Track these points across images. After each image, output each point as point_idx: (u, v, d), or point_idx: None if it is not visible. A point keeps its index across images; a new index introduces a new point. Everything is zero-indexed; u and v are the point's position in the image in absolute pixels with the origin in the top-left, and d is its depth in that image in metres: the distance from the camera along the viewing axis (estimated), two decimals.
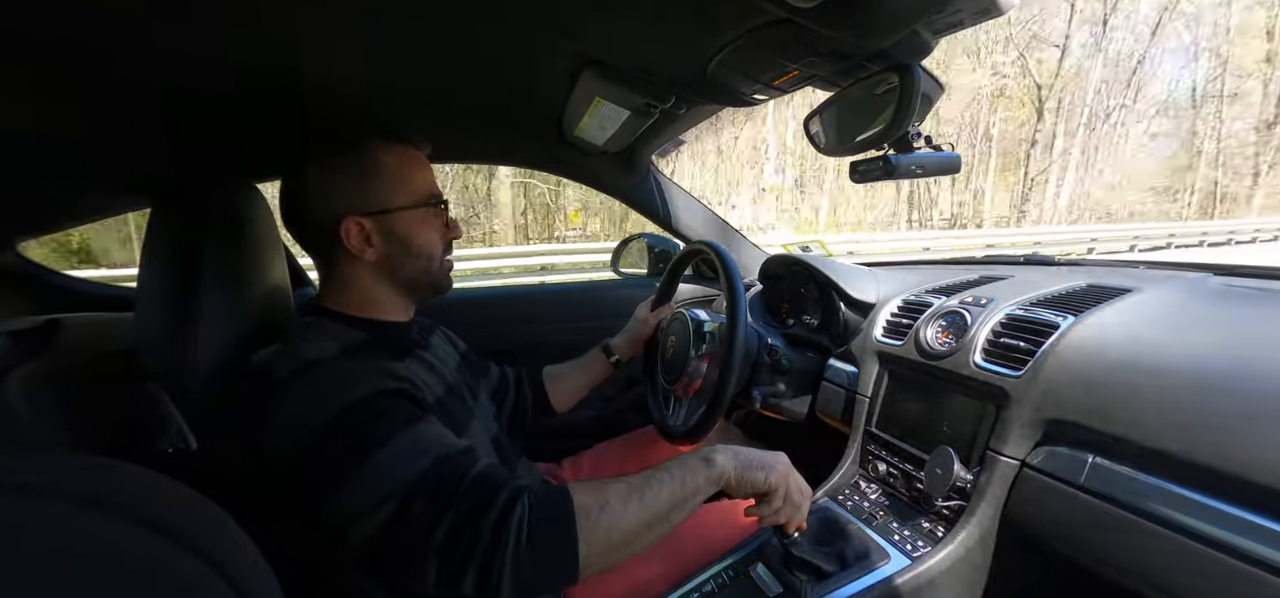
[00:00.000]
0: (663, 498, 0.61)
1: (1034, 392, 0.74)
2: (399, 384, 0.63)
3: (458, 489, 0.56)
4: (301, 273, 1.44)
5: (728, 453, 0.67)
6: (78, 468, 0.27)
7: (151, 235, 0.76)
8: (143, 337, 0.74)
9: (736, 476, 0.67)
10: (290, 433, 0.60)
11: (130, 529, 0.26)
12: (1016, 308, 0.86)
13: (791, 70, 0.74)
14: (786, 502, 0.70)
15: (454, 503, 0.55)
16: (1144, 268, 1.07)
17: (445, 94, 0.93)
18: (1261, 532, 0.52)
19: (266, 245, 0.84)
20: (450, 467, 0.58)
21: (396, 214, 0.73)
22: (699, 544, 0.88)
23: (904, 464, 0.89)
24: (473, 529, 0.54)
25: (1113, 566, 0.64)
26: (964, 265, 1.31)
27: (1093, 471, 0.65)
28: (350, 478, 0.56)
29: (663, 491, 0.62)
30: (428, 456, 0.58)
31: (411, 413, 0.61)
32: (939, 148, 0.77)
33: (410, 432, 0.59)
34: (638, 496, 0.60)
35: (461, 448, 0.61)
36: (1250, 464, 0.54)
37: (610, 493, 0.60)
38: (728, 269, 0.91)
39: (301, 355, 0.64)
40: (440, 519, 0.54)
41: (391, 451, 0.57)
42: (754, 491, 0.69)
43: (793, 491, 0.70)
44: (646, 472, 0.64)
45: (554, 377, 1.11)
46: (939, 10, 0.55)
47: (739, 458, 0.68)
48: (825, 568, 0.77)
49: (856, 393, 1.03)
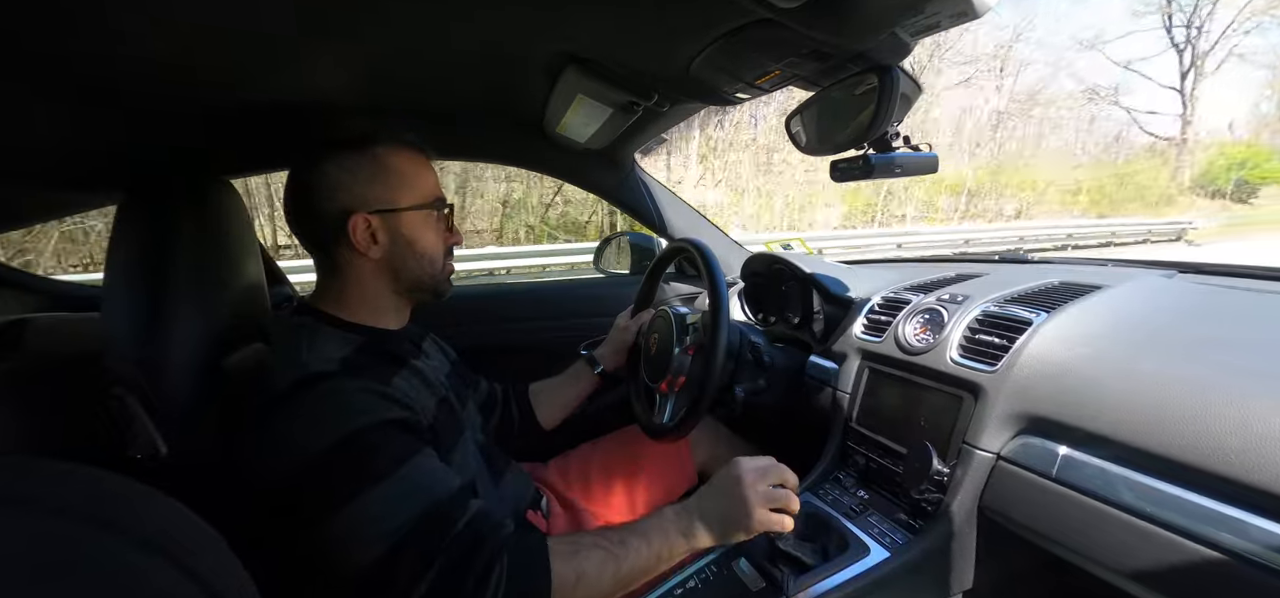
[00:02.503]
0: (639, 566, 0.65)
1: (1008, 386, 0.76)
2: (400, 413, 0.65)
3: (445, 539, 0.59)
4: (278, 271, 1.41)
5: (708, 522, 0.70)
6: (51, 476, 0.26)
7: (119, 232, 0.73)
8: (109, 338, 0.72)
9: (719, 535, 0.70)
10: (289, 450, 0.60)
11: (109, 541, 0.25)
12: (991, 305, 0.88)
13: (773, 69, 0.75)
14: (770, 525, 0.71)
15: (441, 553, 0.58)
16: (1112, 266, 1.11)
17: (424, 90, 0.92)
18: (1218, 518, 0.54)
19: (241, 243, 0.82)
20: (442, 511, 0.61)
21: (403, 214, 0.74)
22: None
23: (883, 459, 0.91)
24: (455, 581, 0.57)
25: (1084, 554, 0.67)
26: (941, 263, 1.33)
27: (1064, 462, 0.67)
28: (343, 509, 0.57)
29: (640, 560, 0.65)
30: (422, 498, 0.60)
31: (410, 446, 0.63)
32: (918, 148, 0.79)
33: (407, 467, 0.61)
34: (614, 564, 0.64)
35: (453, 491, 0.63)
36: (1208, 454, 0.56)
37: (587, 563, 0.63)
38: (709, 263, 0.92)
39: (304, 365, 0.64)
40: (427, 569, 0.57)
41: (387, 487, 0.59)
42: (736, 527, 0.70)
43: (771, 521, 0.71)
44: (625, 532, 0.67)
45: (540, 393, 1.11)
46: (917, 13, 0.56)
47: (721, 526, 0.70)
48: (807, 561, 0.78)
49: (837, 389, 1.04)
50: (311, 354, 0.66)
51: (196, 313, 0.73)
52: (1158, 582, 0.60)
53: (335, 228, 0.71)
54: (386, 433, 0.62)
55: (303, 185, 0.73)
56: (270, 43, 0.66)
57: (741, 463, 0.73)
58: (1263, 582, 0.51)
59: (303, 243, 0.76)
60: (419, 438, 0.66)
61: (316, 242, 0.75)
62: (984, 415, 0.77)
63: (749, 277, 1.40)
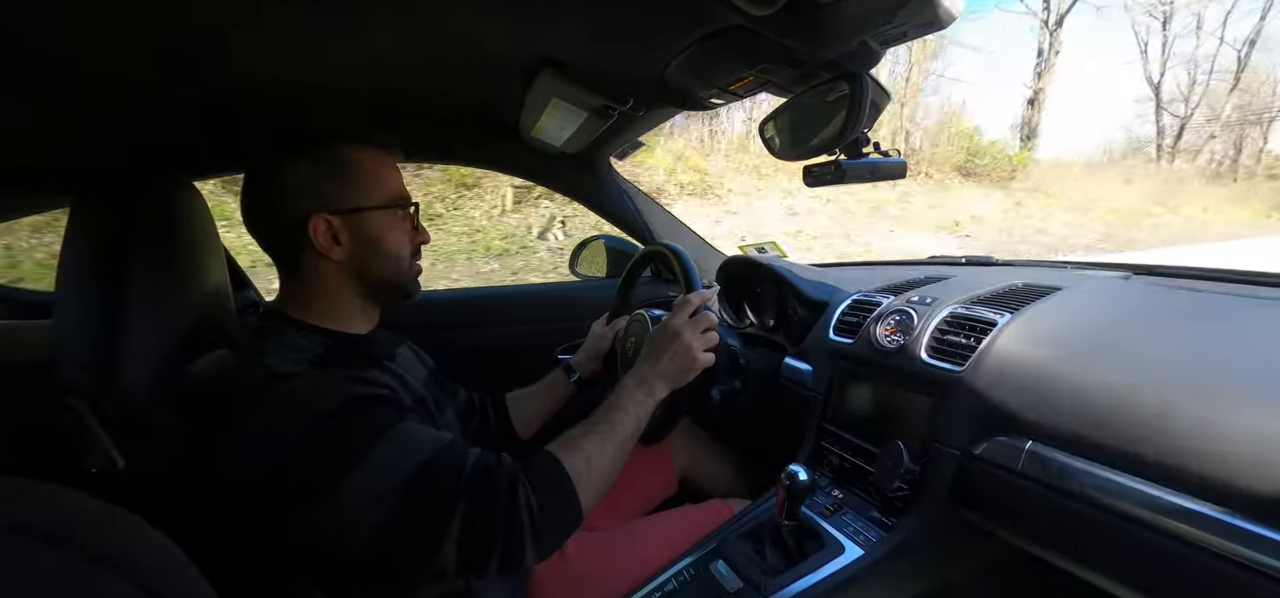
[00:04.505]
0: (627, 432, 0.74)
1: (975, 385, 0.78)
2: (377, 390, 0.64)
3: (459, 480, 0.60)
4: (242, 275, 1.36)
5: (663, 377, 0.79)
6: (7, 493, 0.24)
7: (72, 235, 0.70)
8: (61, 345, 0.69)
9: (672, 382, 0.80)
10: (265, 444, 0.58)
11: (70, 562, 0.24)
12: (959, 306, 0.90)
13: (747, 76, 0.76)
14: (697, 340, 0.81)
15: (460, 494, 0.59)
16: (1071, 268, 1.15)
17: (396, 92, 0.90)
18: (1174, 508, 0.56)
19: (203, 246, 0.80)
20: (446, 459, 0.61)
21: (366, 214, 0.72)
22: (659, 545, 0.89)
23: (857, 458, 0.93)
24: (489, 517, 0.59)
25: (1050, 546, 0.69)
26: (910, 265, 1.37)
27: (1029, 457, 0.69)
28: (344, 477, 0.56)
29: (625, 427, 0.74)
30: (422, 451, 0.60)
31: (396, 414, 0.63)
32: (887, 154, 0.80)
33: (398, 430, 0.61)
34: (610, 439, 0.72)
35: (450, 440, 0.64)
36: (1162, 446, 0.59)
37: (589, 447, 0.70)
38: (685, 266, 0.93)
39: (269, 367, 0.62)
40: (452, 510, 0.58)
41: (384, 447, 0.59)
42: (684, 373, 0.80)
43: (695, 340, 0.81)
44: (604, 410, 0.75)
45: (517, 402, 1.10)
46: (886, 22, 0.58)
47: (673, 376, 0.80)
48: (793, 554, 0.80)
49: (811, 391, 1.06)
50: (278, 356, 0.63)
51: (155, 319, 0.70)
52: (1119, 572, 0.63)
53: (295, 230, 0.69)
54: (370, 405, 0.62)
55: (259, 186, 0.71)
56: (230, 37, 0.64)
57: (672, 320, 0.82)
58: (1219, 570, 0.53)
59: (262, 246, 0.73)
60: (403, 409, 0.65)
61: (276, 244, 0.72)
62: (953, 413, 0.79)
63: (724, 280, 1.42)
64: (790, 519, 0.80)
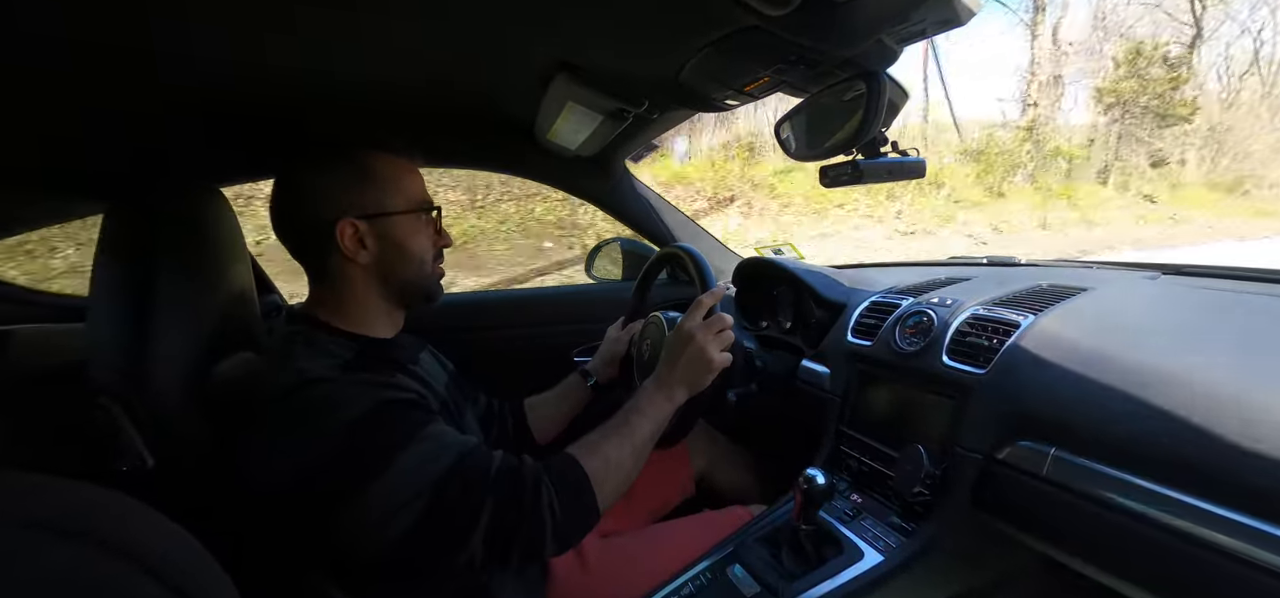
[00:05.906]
0: (644, 435, 0.76)
1: (998, 388, 0.77)
2: (405, 394, 0.67)
3: (487, 479, 0.63)
4: (267, 279, 1.39)
5: (681, 382, 0.80)
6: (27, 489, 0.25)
7: (105, 241, 0.72)
8: (94, 348, 0.71)
9: (691, 387, 0.81)
10: (298, 449, 0.60)
11: (99, 559, 0.24)
12: (980, 307, 0.89)
13: (763, 76, 0.75)
14: (712, 342, 0.81)
15: (489, 492, 0.63)
16: (1097, 268, 1.12)
17: (415, 97, 0.91)
18: (1205, 516, 0.54)
19: (230, 251, 0.82)
20: (474, 461, 0.64)
21: (391, 218, 0.74)
22: (677, 552, 0.88)
23: (875, 462, 0.91)
24: (515, 513, 0.63)
25: (1076, 554, 0.67)
26: (930, 266, 1.34)
27: (1054, 462, 0.67)
28: (375, 481, 0.59)
29: (643, 431, 0.76)
30: (449, 453, 0.63)
31: (425, 417, 0.66)
32: (905, 153, 0.79)
33: (427, 431, 0.64)
34: (628, 442, 0.74)
35: (476, 443, 0.67)
36: (1193, 451, 0.57)
37: (608, 449, 0.72)
38: (701, 268, 0.93)
39: (300, 371, 0.64)
40: (481, 507, 0.61)
41: (414, 449, 0.61)
42: (701, 375, 0.81)
43: (709, 342, 0.81)
44: (624, 413, 0.77)
45: (535, 408, 1.11)
46: (903, 21, 0.57)
47: (692, 381, 0.81)
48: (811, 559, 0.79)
49: (829, 393, 1.05)
50: (309, 360, 0.65)
51: (183, 322, 0.72)
52: (1148, 580, 0.61)
53: (323, 234, 0.71)
54: (400, 408, 0.65)
55: (288, 192, 0.73)
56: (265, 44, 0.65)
57: (686, 323, 0.82)
58: (1254, 580, 0.51)
59: (290, 252, 0.75)
60: (431, 413, 0.68)
61: (304, 249, 0.74)
62: (974, 417, 0.78)
63: (741, 281, 1.41)
64: (808, 524, 0.79)
